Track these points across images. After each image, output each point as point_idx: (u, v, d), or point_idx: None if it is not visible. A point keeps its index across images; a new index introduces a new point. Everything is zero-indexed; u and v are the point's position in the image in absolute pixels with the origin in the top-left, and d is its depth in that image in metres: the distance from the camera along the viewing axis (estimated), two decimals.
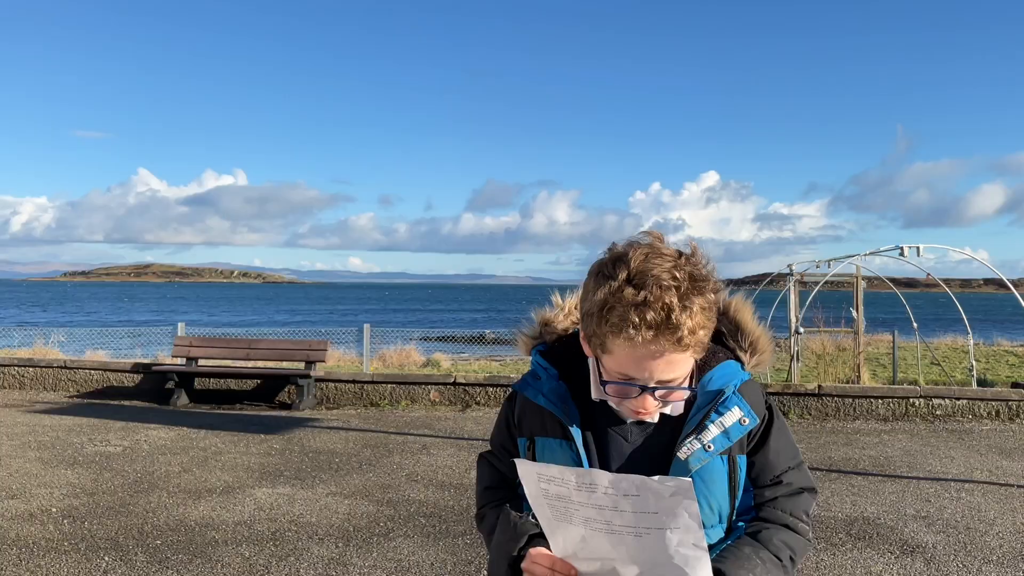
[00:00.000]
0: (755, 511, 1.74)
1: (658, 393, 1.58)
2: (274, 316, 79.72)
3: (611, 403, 1.69)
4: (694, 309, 1.49)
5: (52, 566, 5.13)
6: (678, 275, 1.49)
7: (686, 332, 1.48)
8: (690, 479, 1.41)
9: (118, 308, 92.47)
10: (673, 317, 1.46)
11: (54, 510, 6.32)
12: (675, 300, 1.47)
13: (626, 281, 1.49)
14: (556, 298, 1.91)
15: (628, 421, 1.70)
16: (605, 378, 1.60)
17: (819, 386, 11.15)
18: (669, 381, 1.56)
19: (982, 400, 10.82)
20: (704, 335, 1.55)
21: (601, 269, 1.56)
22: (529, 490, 1.52)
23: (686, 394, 1.62)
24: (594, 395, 1.72)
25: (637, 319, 1.46)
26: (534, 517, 1.63)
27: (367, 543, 5.65)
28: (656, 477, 1.39)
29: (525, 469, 1.51)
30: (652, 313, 1.46)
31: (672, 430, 1.68)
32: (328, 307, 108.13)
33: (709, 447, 1.63)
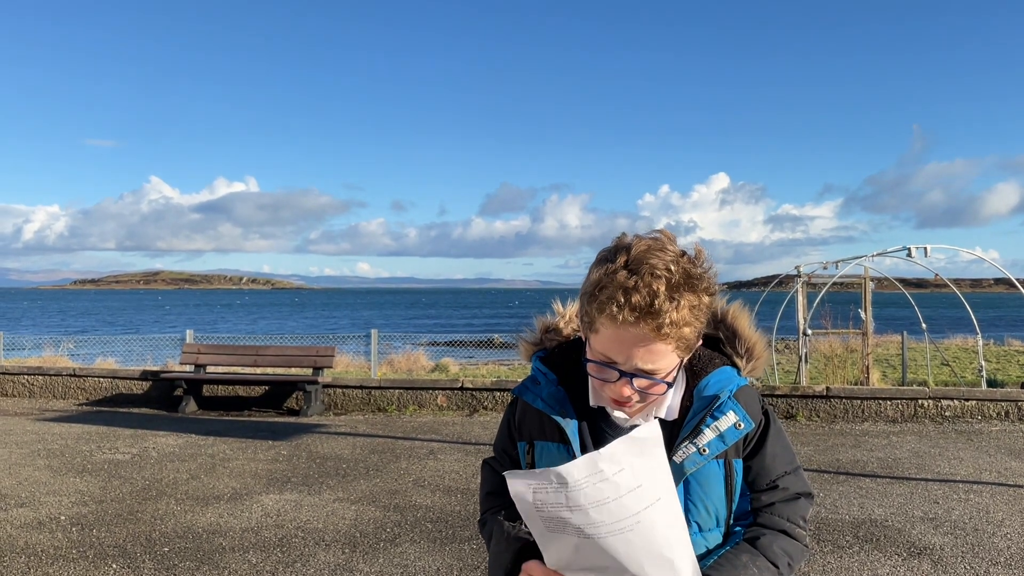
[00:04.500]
0: (752, 516, 1.75)
1: (636, 383, 1.59)
2: (282, 322, 79.92)
3: (597, 397, 1.72)
4: (681, 303, 1.53)
5: (60, 574, 5.16)
6: (672, 268, 1.53)
7: (667, 321, 1.51)
8: (655, 421, 1.52)
9: (128, 317, 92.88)
10: (657, 303, 1.50)
11: (63, 518, 6.36)
12: (663, 289, 1.51)
13: (623, 266, 1.54)
14: (557, 305, 1.94)
15: (626, 426, 1.71)
16: (589, 356, 1.63)
17: (827, 388, 11.11)
18: (650, 372, 1.58)
19: (991, 401, 10.77)
20: (689, 333, 1.57)
21: (604, 254, 1.61)
22: (521, 507, 1.53)
23: (664, 388, 1.64)
24: (592, 401, 1.74)
25: (622, 300, 1.51)
26: (526, 525, 1.64)
27: (374, 549, 5.66)
28: (625, 436, 1.47)
29: (514, 482, 1.51)
30: (638, 296, 1.50)
31: (668, 435, 1.69)
32: (336, 312, 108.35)
33: (704, 451, 1.65)
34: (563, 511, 1.46)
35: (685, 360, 1.68)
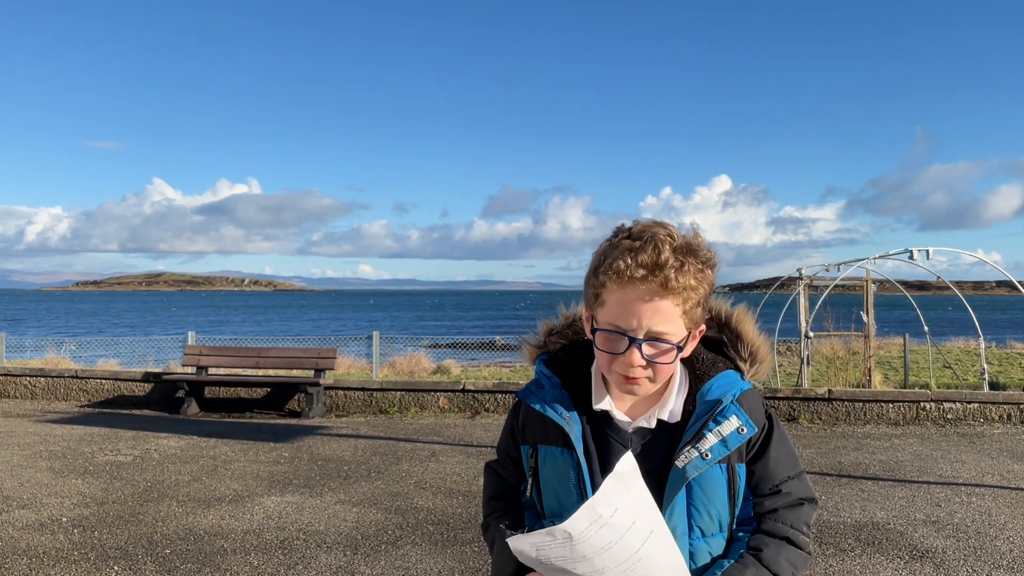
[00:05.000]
0: (756, 522, 1.74)
1: (646, 351, 1.60)
2: (287, 324, 79.96)
3: (600, 396, 1.73)
4: (686, 265, 1.58)
5: None
6: (675, 235, 1.60)
7: (674, 276, 1.56)
8: (629, 453, 1.56)
9: (132, 318, 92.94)
10: (663, 258, 1.55)
11: (64, 520, 6.36)
12: (668, 249, 1.57)
13: (626, 236, 1.61)
14: (561, 309, 1.94)
15: (629, 429, 1.71)
16: (596, 327, 1.65)
17: (829, 390, 11.10)
18: (658, 334, 1.59)
19: (993, 404, 10.76)
20: (695, 298, 1.61)
21: (608, 238, 1.67)
22: (525, 560, 1.55)
23: (673, 354, 1.63)
24: (595, 404, 1.74)
25: (630, 259, 1.57)
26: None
27: (375, 551, 5.66)
28: (610, 475, 1.50)
29: (516, 543, 1.53)
30: (644, 255, 1.56)
31: (671, 439, 1.69)
32: (342, 315, 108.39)
33: (707, 455, 1.64)
34: (568, 563, 1.48)
35: (691, 343, 1.68)
